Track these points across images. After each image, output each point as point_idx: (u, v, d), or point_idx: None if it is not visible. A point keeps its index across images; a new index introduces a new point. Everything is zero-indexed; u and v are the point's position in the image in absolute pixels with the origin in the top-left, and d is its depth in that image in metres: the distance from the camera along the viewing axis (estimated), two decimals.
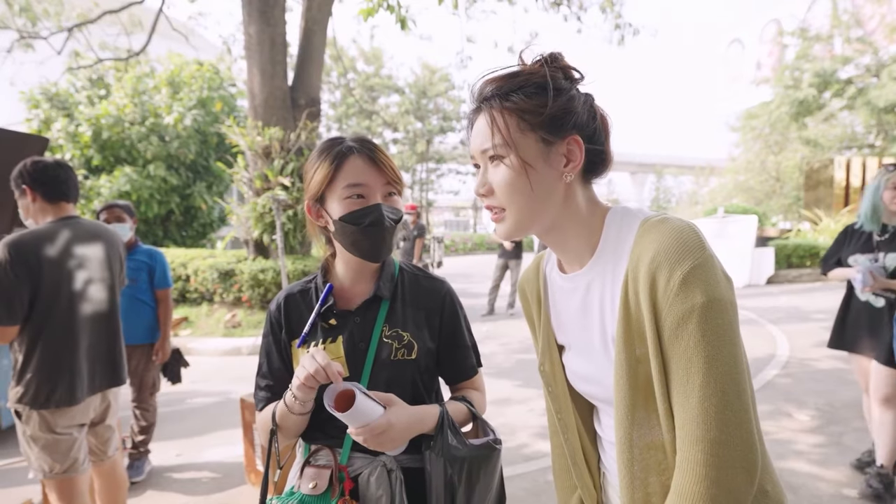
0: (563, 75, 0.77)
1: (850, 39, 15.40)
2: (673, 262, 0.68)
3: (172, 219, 10.80)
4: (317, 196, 1.08)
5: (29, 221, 2.01)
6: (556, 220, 0.80)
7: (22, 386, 1.89)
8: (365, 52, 22.15)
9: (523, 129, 0.75)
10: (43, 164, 1.97)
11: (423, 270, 1.22)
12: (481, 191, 0.80)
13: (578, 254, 0.82)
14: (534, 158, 0.76)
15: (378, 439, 0.96)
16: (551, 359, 0.91)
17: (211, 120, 10.61)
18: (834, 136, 16.52)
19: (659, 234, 0.71)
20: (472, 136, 0.81)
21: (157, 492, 2.94)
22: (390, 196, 1.09)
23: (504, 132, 0.75)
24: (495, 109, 0.76)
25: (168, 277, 3.21)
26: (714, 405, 0.66)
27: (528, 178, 0.76)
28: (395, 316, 1.12)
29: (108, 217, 2.98)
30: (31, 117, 10.30)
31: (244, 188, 7.12)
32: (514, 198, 0.77)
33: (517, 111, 0.75)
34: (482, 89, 0.79)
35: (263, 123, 6.85)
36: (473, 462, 1.03)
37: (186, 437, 3.59)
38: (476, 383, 1.21)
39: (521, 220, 0.78)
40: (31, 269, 1.85)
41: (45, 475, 1.93)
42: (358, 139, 1.09)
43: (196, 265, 7.33)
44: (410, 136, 23.52)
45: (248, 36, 6.99)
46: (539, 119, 0.75)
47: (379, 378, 1.07)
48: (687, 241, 0.69)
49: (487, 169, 0.79)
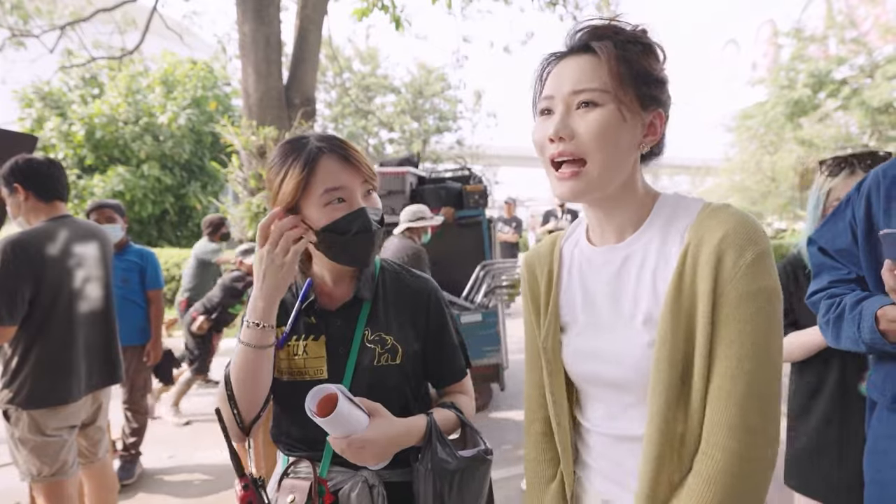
0: (660, 50, 0.77)
1: (845, 40, 15.49)
2: (743, 244, 0.69)
3: (167, 219, 10.74)
4: (290, 205, 0.98)
5: (19, 220, 1.99)
6: (621, 187, 0.78)
7: (15, 385, 1.87)
8: (361, 52, 22.10)
9: (629, 82, 0.73)
10: (36, 162, 1.95)
11: (406, 268, 1.17)
12: (561, 133, 0.74)
13: (620, 227, 0.81)
14: (630, 114, 0.74)
15: (358, 453, 0.92)
16: (554, 336, 0.88)
17: (205, 119, 10.56)
18: (829, 136, 16.60)
19: (728, 216, 0.72)
20: (559, 76, 0.76)
21: (148, 494, 2.91)
22: (369, 194, 1.03)
23: (615, 77, 0.73)
24: (609, 52, 0.73)
25: (160, 278, 3.19)
26: (759, 394, 0.66)
27: (620, 132, 0.73)
28: (378, 318, 1.06)
29: (99, 217, 2.95)
30: (24, 116, 10.23)
31: (239, 188, 7.08)
32: (603, 146, 0.73)
33: (629, 62, 0.74)
34: (594, 31, 0.76)
35: (258, 123, 6.81)
36: (465, 474, 0.98)
37: (179, 439, 3.55)
38: (464, 386, 1.15)
39: (604, 174, 0.74)
40: (34, 268, 1.85)
41: (34, 478, 1.91)
42: (324, 137, 1.02)
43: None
44: (406, 135, 23.49)
45: (243, 35, 6.95)
46: (645, 79, 0.74)
47: (361, 385, 1.02)
48: (755, 228, 0.70)
49: (571, 113, 0.74)
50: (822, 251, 1.26)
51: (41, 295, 1.87)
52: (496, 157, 30.40)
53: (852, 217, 1.16)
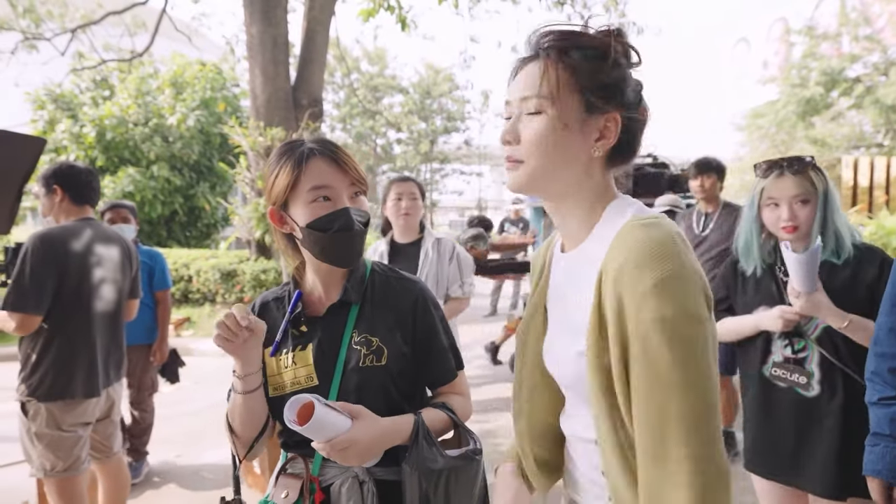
0: (623, 51, 0.76)
1: (859, 37, 15.27)
2: (637, 275, 0.66)
3: (176, 219, 10.81)
4: (280, 202, 1.05)
5: (48, 219, 2.13)
6: (566, 190, 0.79)
7: (35, 379, 1.93)
8: (369, 53, 22.16)
9: (572, 88, 0.74)
10: (77, 168, 2.14)
11: (396, 270, 1.18)
12: (508, 137, 0.78)
13: (575, 234, 0.82)
14: (572, 120, 0.75)
15: (342, 455, 0.94)
16: (531, 326, 0.90)
17: (214, 120, 10.62)
18: (842, 135, 16.39)
19: (635, 238, 0.69)
20: (515, 81, 0.79)
21: (155, 491, 2.93)
22: (356, 196, 1.06)
23: (553, 85, 0.74)
24: (551, 60, 0.75)
25: (167, 278, 3.23)
26: (690, 422, 0.64)
27: (558, 138, 0.75)
28: (365, 320, 1.08)
29: (114, 217, 3.00)
30: (37, 118, 10.34)
31: (246, 188, 7.12)
32: (538, 152, 0.75)
33: (572, 69, 0.74)
34: (541, 38, 0.77)
35: (265, 124, 6.84)
36: (451, 474, 0.99)
37: (186, 438, 3.57)
38: (457, 387, 1.16)
39: (535, 175, 0.77)
40: (58, 261, 1.95)
41: (46, 473, 1.96)
42: (318, 140, 1.07)
43: (198, 265, 7.34)
44: (414, 136, 23.51)
45: (251, 36, 6.99)
46: (590, 84, 0.74)
47: (349, 386, 1.04)
48: (662, 251, 0.66)
49: (521, 118, 0.77)
50: None
51: (63, 289, 1.96)
52: (504, 158, 30.30)
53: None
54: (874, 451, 1.16)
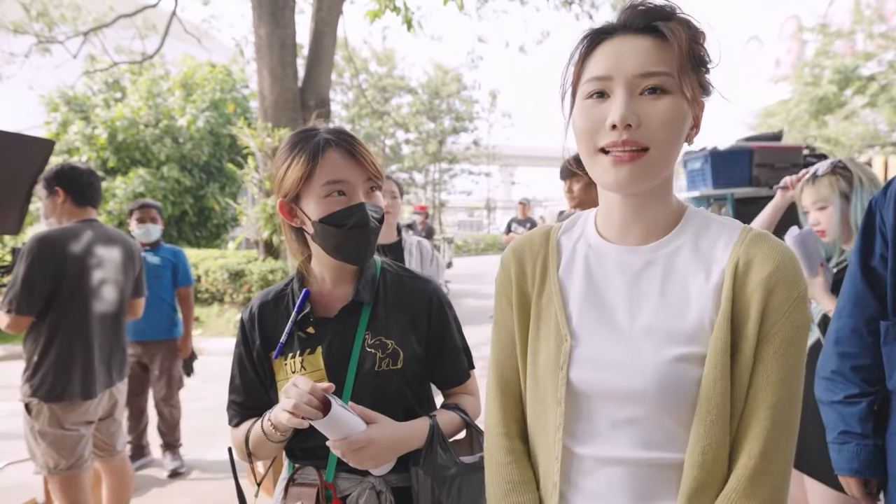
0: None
1: (873, 35, 15.02)
2: (792, 282, 0.69)
3: (186, 219, 10.91)
4: (292, 195, 0.99)
5: (50, 220, 2.13)
6: (662, 183, 0.72)
7: (37, 379, 1.95)
8: (377, 53, 22.21)
9: (694, 70, 0.69)
10: (79, 170, 2.14)
11: (408, 270, 1.15)
12: (629, 120, 0.66)
13: (647, 229, 0.74)
14: (690, 105, 0.69)
15: (358, 455, 0.90)
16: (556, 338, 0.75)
17: (223, 121, 10.70)
18: (855, 134, 16.13)
19: (775, 250, 0.70)
20: (614, 55, 0.68)
21: (161, 489, 2.96)
22: (372, 191, 1.02)
23: (685, 63, 0.67)
24: (681, 36, 0.67)
25: (190, 275, 3.32)
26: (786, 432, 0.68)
27: (684, 124, 0.68)
28: (378, 322, 1.04)
29: (143, 216, 3.04)
30: (50, 120, 10.49)
31: (254, 189, 7.17)
32: (668, 138, 0.67)
33: (696, 46, 0.69)
34: (659, 9, 0.69)
35: (273, 124, 6.89)
36: (464, 481, 0.96)
37: (194, 437, 3.60)
38: (469, 387, 1.14)
39: (660, 164, 0.68)
40: (55, 264, 1.96)
41: (50, 471, 1.98)
42: (334, 130, 1.00)
43: (207, 265, 7.41)
44: (423, 136, 23.53)
45: (259, 38, 7.04)
46: (706, 67, 0.71)
47: (363, 391, 1.00)
48: (799, 267, 0.71)
49: (635, 97, 0.67)
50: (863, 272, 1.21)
51: (61, 291, 1.97)
52: (512, 157, 30.24)
53: (881, 222, 1.15)
54: (846, 449, 1.17)
